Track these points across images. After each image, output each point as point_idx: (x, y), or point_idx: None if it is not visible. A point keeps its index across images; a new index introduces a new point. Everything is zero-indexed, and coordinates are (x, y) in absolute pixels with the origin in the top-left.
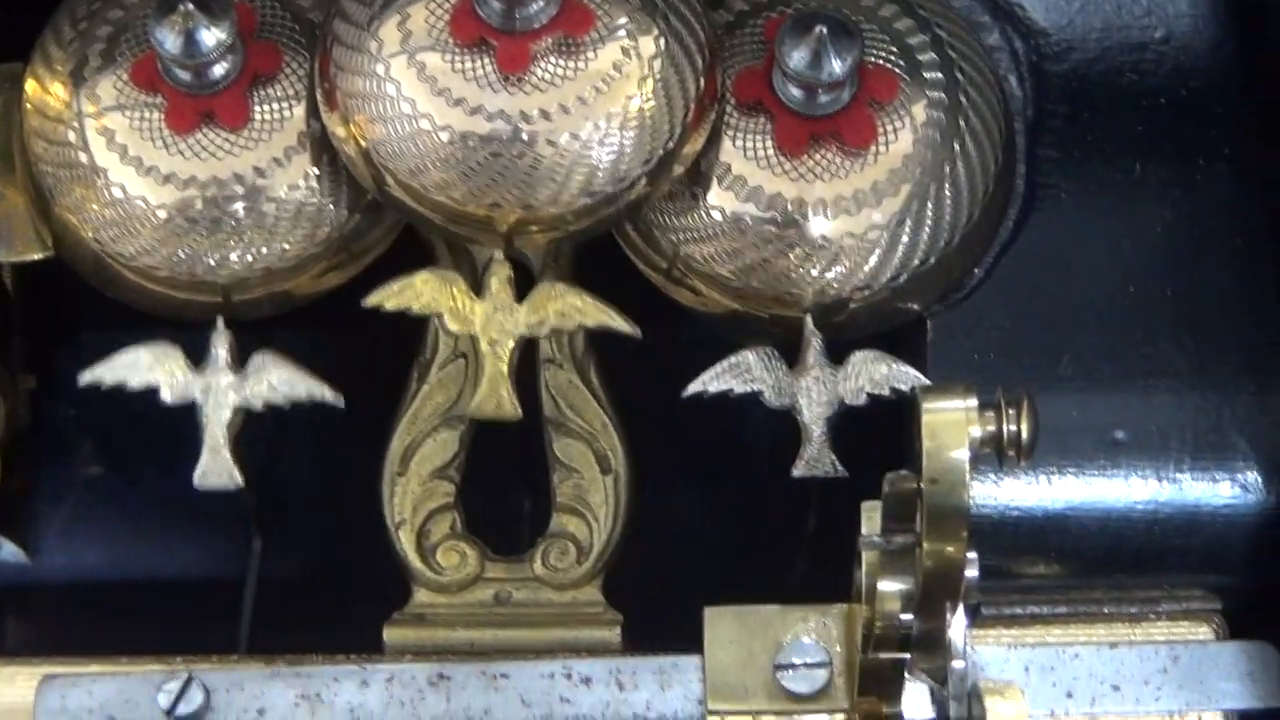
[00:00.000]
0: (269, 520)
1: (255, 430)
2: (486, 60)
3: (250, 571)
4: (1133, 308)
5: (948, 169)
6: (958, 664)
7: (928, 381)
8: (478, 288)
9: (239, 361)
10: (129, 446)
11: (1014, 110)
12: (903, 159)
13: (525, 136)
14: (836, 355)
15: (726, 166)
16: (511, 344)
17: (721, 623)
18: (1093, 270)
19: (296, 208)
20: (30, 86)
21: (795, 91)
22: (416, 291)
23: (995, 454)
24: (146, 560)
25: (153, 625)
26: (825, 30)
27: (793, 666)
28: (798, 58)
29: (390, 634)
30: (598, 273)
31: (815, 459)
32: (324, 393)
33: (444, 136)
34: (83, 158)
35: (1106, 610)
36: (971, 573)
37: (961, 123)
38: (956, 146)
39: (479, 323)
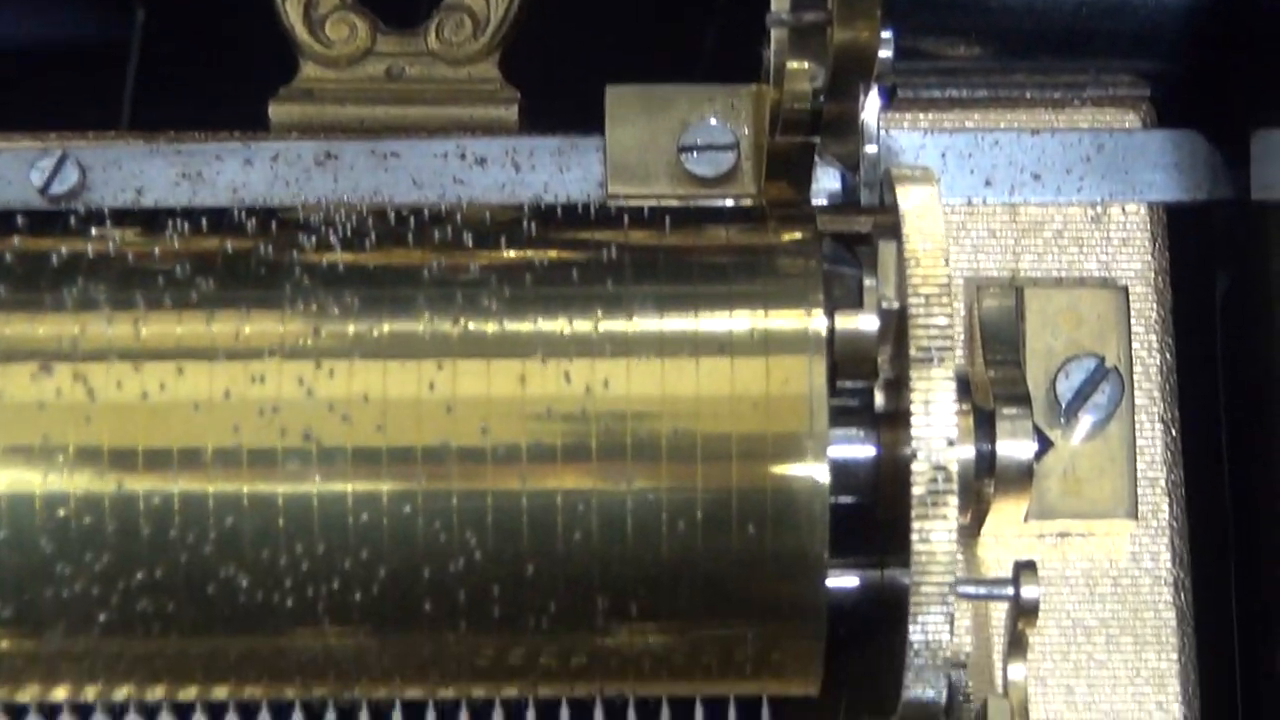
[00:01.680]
0: None
1: None
2: None
3: (133, 43)
4: None
5: None
6: (870, 149)
7: None
8: None
9: None
10: None
11: None
12: None
13: None
14: None
15: None
16: None
17: (624, 102)
18: None
19: None
20: None
21: None
22: None
23: None
24: (29, 29)
25: (34, 99)
26: None
27: (697, 148)
28: None
29: (276, 110)
30: None
31: None
32: None
33: None
34: None
35: (1029, 95)
36: (885, 53)
37: None
38: None
39: None
